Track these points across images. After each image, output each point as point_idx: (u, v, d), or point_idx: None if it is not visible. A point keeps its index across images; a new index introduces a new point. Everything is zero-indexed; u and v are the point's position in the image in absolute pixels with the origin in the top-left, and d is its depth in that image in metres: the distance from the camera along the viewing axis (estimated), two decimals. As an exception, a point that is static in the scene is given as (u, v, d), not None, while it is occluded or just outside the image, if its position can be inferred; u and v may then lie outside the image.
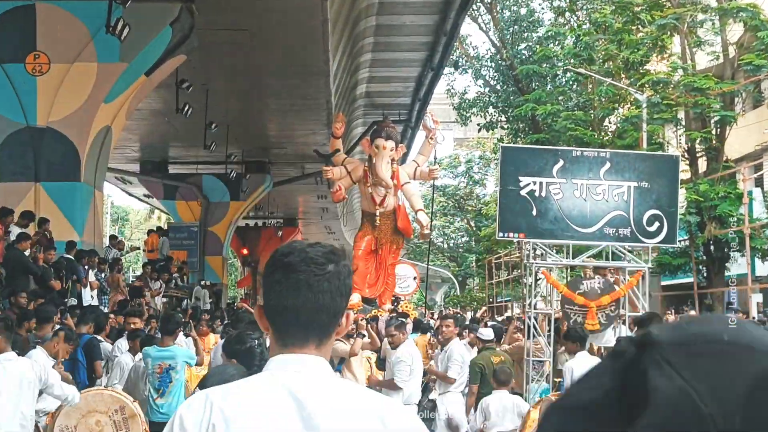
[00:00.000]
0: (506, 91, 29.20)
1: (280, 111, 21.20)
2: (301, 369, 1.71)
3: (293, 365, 1.71)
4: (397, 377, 8.31)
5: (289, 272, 1.73)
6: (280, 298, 1.74)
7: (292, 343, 1.74)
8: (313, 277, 1.72)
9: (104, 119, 14.19)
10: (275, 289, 1.75)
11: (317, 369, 1.72)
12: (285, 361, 1.73)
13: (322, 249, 1.77)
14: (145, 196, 32.53)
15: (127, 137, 22.17)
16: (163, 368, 7.79)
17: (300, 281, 1.72)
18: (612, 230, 10.29)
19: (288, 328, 1.75)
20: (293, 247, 1.77)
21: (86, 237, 14.05)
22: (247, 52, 16.33)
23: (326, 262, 1.74)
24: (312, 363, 1.72)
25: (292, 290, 1.73)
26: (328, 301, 1.74)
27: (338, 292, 1.76)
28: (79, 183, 13.88)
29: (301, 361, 1.72)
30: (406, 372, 8.33)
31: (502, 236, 10.54)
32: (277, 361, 1.74)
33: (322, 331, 1.75)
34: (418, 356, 8.69)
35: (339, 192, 12.53)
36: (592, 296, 10.06)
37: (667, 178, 10.51)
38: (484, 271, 36.26)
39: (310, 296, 1.72)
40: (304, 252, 1.75)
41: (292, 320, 1.74)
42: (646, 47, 21.47)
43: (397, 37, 19.21)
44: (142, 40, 13.27)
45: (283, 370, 1.71)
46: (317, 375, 1.71)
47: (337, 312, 1.77)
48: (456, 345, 9.01)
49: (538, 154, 10.89)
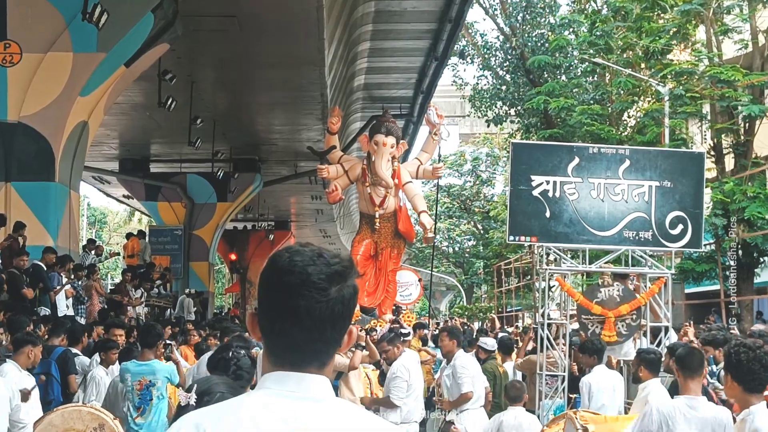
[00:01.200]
0: (516, 83, 29.21)
1: (271, 105, 21.20)
2: (298, 389, 1.69)
3: (290, 384, 1.69)
4: (393, 394, 8.24)
5: (287, 296, 1.69)
6: (276, 321, 1.71)
7: (289, 364, 1.72)
8: (314, 304, 1.68)
9: (80, 114, 14.18)
10: (271, 311, 1.72)
11: (316, 389, 1.70)
12: (281, 379, 1.71)
13: (326, 268, 1.70)
14: (124, 197, 32.53)
15: (105, 133, 22.17)
16: (143, 384, 7.76)
17: (299, 308, 1.68)
18: (632, 233, 10.28)
19: (284, 351, 1.72)
20: (294, 263, 1.70)
21: (61, 241, 14.03)
22: (235, 40, 16.33)
23: (329, 286, 1.69)
24: (311, 383, 1.70)
25: (289, 316, 1.69)
26: (328, 331, 1.70)
27: (340, 317, 1.71)
28: (53, 183, 13.86)
29: (298, 381, 1.70)
30: (403, 388, 8.26)
31: (513, 240, 10.53)
32: (273, 379, 1.71)
33: (320, 357, 1.72)
34: (415, 370, 8.57)
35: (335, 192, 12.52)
36: (611, 305, 10.05)
37: (691, 176, 10.49)
38: (492, 278, 36.27)
39: (309, 325, 1.69)
40: (305, 273, 1.68)
41: (289, 345, 1.71)
42: (668, 35, 21.47)
43: (398, 24, 19.21)
44: (122, 28, 13.26)
45: (278, 389, 1.69)
46: (315, 396, 1.69)
47: (338, 338, 1.74)
48: (461, 357, 8.95)
49: (552, 150, 10.88)
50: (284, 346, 1.72)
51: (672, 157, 10.98)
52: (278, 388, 1.69)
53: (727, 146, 21.44)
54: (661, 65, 21.22)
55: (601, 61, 22.32)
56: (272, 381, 1.71)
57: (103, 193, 34.04)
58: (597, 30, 23.07)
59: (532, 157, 10.43)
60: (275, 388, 1.69)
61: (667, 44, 21.46)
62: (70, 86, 13.56)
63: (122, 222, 63.32)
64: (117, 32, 13.17)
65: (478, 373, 8.85)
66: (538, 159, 10.34)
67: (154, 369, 7.87)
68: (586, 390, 8.09)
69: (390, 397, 8.26)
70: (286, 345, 1.71)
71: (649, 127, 21.11)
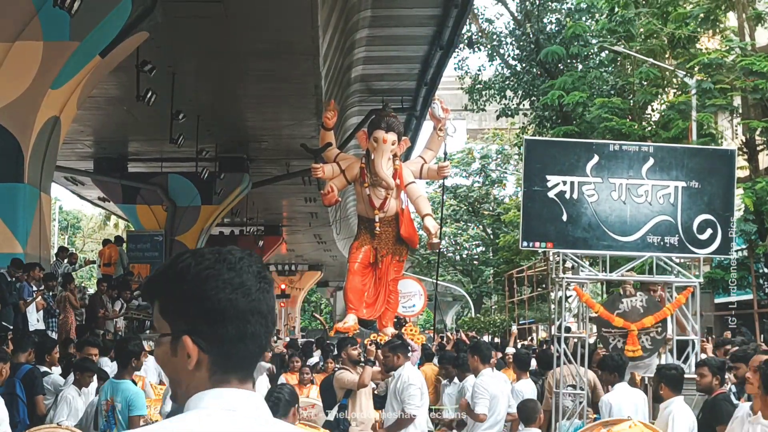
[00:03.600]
0: (529, 74, 29.26)
1: (261, 98, 21.22)
2: (240, 409, 1.70)
3: (233, 403, 1.71)
4: (409, 404, 8.11)
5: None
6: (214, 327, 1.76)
7: (234, 376, 1.75)
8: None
9: (51, 108, 14.19)
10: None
11: (260, 410, 1.73)
12: (221, 396, 1.72)
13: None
14: (100, 199, 32.54)
15: (78, 129, 22.17)
16: (109, 405, 7.69)
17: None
18: (656, 239, 10.28)
19: (235, 357, 1.76)
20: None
21: (30, 248, 14.04)
22: (220, 28, 16.34)
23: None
24: (255, 402, 1.73)
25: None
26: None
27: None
28: (22, 184, 13.87)
29: (244, 399, 1.72)
30: (417, 396, 8.20)
31: (526, 246, 10.52)
32: (212, 397, 1.72)
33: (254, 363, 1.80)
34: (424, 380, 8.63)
35: (331, 194, 12.54)
36: (634, 317, 10.04)
37: (721, 176, 10.50)
38: (503, 287, 36.29)
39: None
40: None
41: (242, 350, 1.76)
42: (695, 22, 21.50)
43: (400, 10, 19.23)
44: (97, 15, 13.27)
45: (220, 410, 1.69)
46: (261, 418, 1.71)
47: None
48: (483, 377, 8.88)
49: (569, 148, 10.88)
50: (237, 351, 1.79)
51: (700, 154, 10.99)
52: (219, 407, 1.71)
53: (760, 143, 21.46)
54: (688, 54, 21.25)
55: (622, 49, 22.35)
56: (210, 399, 1.73)
57: (77, 195, 34.07)
58: (617, 16, 23.11)
59: (547, 154, 10.42)
60: (215, 409, 1.71)
61: (694, 31, 21.50)
62: (40, 78, 13.57)
63: (97, 227, 63.35)
64: (91, 19, 13.18)
65: (498, 395, 8.78)
66: (554, 157, 10.34)
67: (119, 390, 7.76)
68: (606, 410, 8.09)
69: (405, 408, 8.12)
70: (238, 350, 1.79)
71: (675, 121, 21.13)
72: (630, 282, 10.89)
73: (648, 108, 24.44)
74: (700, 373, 7.61)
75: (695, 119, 19.99)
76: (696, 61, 20.75)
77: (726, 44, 21.67)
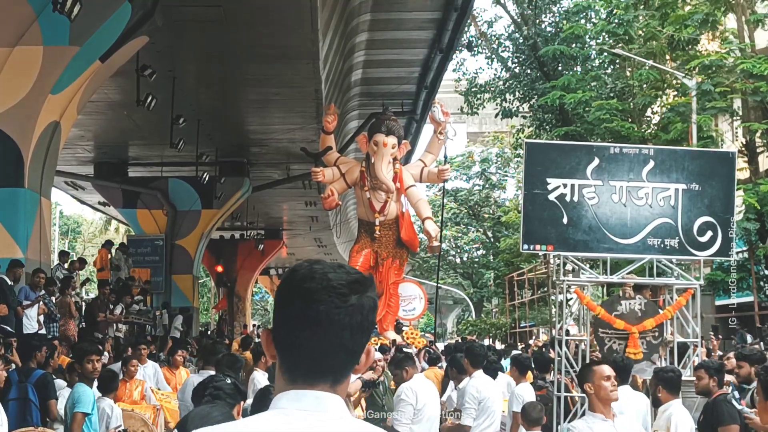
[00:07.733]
0: (529, 76, 29.26)
1: (261, 102, 21.22)
2: (316, 408, 1.77)
3: (307, 403, 1.77)
4: (396, 420, 8.03)
5: (307, 302, 1.79)
6: (294, 331, 1.80)
7: (303, 379, 1.80)
8: (334, 309, 1.78)
9: (52, 113, 14.19)
10: (289, 319, 1.81)
11: (334, 409, 1.78)
12: (297, 398, 1.78)
13: (346, 276, 1.82)
14: (100, 203, 32.56)
15: (79, 134, 22.19)
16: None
17: (319, 313, 1.78)
18: (657, 241, 10.28)
19: (300, 364, 1.81)
20: (314, 270, 1.82)
21: (31, 253, 14.02)
22: (221, 32, 16.35)
23: (349, 293, 1.80)
24: (328, 402, 1.78)
25: (309, 323, 1.79)
26: (348, 339, 1.80)
27: (359, 328, 1.81)
28: (22, 189, 13.86)
29: (316, 399, 1.78)
30: (407, 413, 8.13)
31: (527, 249, 10.51)
32: (289, 398, 1.79)
33: (338, 371, 1.82)
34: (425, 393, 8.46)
35: (331, 198, 12.55)
36: (632, 320, 10.04)
37: (721, 178, 10.49)
38: (504, 290, 36.29)
39: (329, 331, 1.79)
40: (326, 279, 1.80)
41: (306, 357, 1.80)
42: (695, 24, 21.51)
43: (399, 13, 19.23)
44: (96, 19, 13.27)
45: (295, 408, 1.77)
46: (334, 416, 1.77)
47: (356, 350, 1.84)
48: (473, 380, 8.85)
49: (569, 151, 10.87)
50: (300, 358, 1.81)
51: (700, 157, 10.98)
52: (294, 406, 1.78)
53: (761, 144, 21.46)
54: (688, 56, 21.25)
55: (621, 51, 22.35)
56: (288, 400, 1.79)
57: (77, 200, 34.06)
58: (615, 18, 23.10)
59: (547, 157, 10.42)
60: (291, 407, 1.78)
61: (693, 33, 21.50)
62: (40, 83, 13.56)
63: (98, 231, 63.34)
64: (91, 24, 13.18)
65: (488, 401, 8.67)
66: (555, 160, 10.33)
67: (73, 392, 7.84)
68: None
69: (394, 424, 8.12)
70: (302, 357, 1.80)
71: (675, 124, 21.12)
72: (630, 284, 10.89)
73: (648, 110, 24.43)
74: (698, 376, 7.63)
75: (695, 121, 19.98)
76: (696, 63, 20.75)
77: (725, 46, 21.67)
